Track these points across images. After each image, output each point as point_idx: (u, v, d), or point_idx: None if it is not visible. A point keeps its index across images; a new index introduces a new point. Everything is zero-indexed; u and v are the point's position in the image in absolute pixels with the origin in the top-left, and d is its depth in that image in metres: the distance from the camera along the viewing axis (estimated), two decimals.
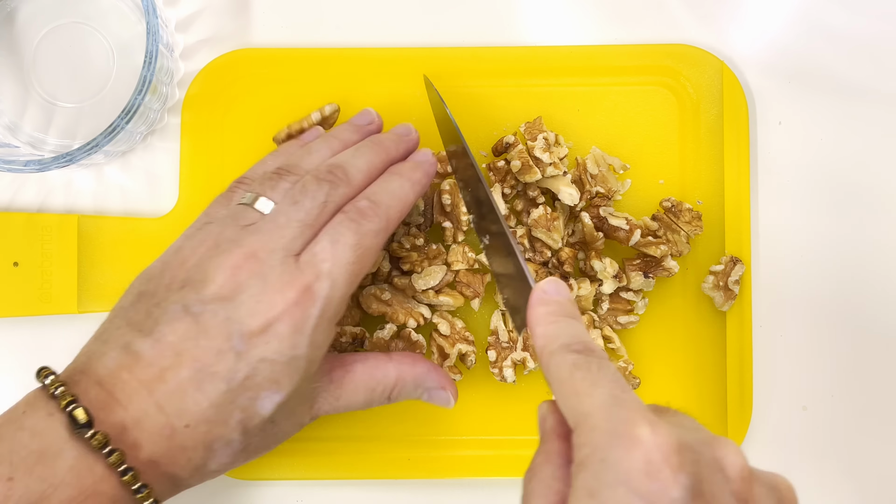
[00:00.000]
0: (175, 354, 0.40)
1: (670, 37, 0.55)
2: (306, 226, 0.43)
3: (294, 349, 0.41)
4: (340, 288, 0.43)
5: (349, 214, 0.44)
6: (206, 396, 0.40)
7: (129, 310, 0.43)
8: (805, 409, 0.54)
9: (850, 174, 0.55)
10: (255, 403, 0.41)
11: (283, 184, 0.45)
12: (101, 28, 0.54)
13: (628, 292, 0.52)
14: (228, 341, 0.41)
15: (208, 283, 0.42)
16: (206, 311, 0.41)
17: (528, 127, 0.52)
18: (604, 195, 0.52)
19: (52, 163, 0.48)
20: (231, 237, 0.43)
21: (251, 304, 0.41)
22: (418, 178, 0.47)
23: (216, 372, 0.40)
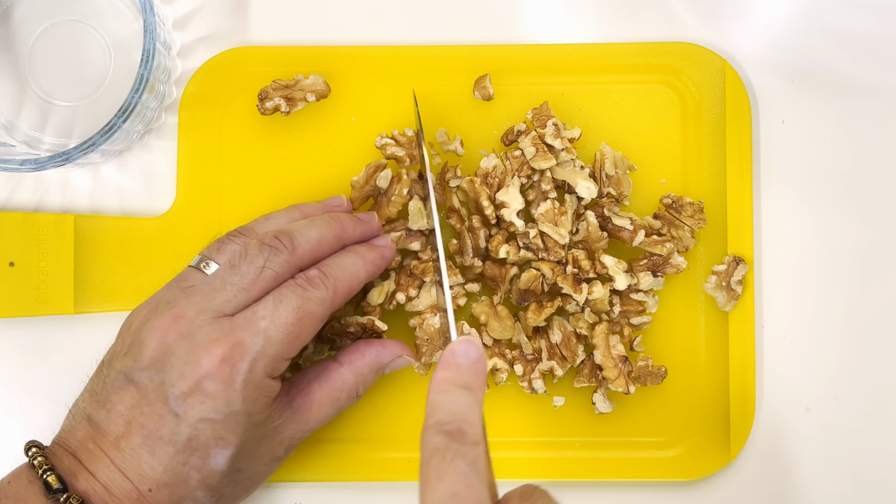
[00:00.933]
0: (125, 422, 0.43)
1: (672, 35, 0.55)
2: (240, 289, 0.44)
3: (228, 405, 0.42)
4: (275, 345, 0.43)
5: (297, 281, 0.45)
6: (159, 461, 0.42)
7: (93, 381, 0.45)
8: (808, 411, 0.54)
9: (853, 173, 0.55)
10: (208, 462, 0.43)
11: (230, 246, 0.46)
12: (97, 26, 0.54)
13: (638, 293, 0.52)
14: (166, 405, 0.42)
15: (143, 348, 0.43)
16: (143, 377, 0.43)
17: (535, 113, 0.52)
18: (613, 197, 0.52)
19: (49, 162, 0.48)
20: (168, 299, 0.44)
21: (179, 365, 0.42)
22: (372, 258, 0.48)
23: (162, 436, 0.42)
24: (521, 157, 0.51)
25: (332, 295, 0.45)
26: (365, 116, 0.54)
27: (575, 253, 0.51)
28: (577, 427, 0.53)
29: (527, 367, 0.52)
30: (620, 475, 0.53)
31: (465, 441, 0.35)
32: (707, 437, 0.53)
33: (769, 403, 0.54)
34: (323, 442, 0.53)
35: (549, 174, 0.51)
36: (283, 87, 0.53)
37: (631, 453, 0.53)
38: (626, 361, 0.51)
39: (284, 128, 0.54)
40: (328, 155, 0.54)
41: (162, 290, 0.46)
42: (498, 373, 0.51)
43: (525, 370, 0.51)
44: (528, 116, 0.52)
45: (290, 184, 0.54)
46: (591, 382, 0.51)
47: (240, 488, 0.46)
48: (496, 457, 0.52)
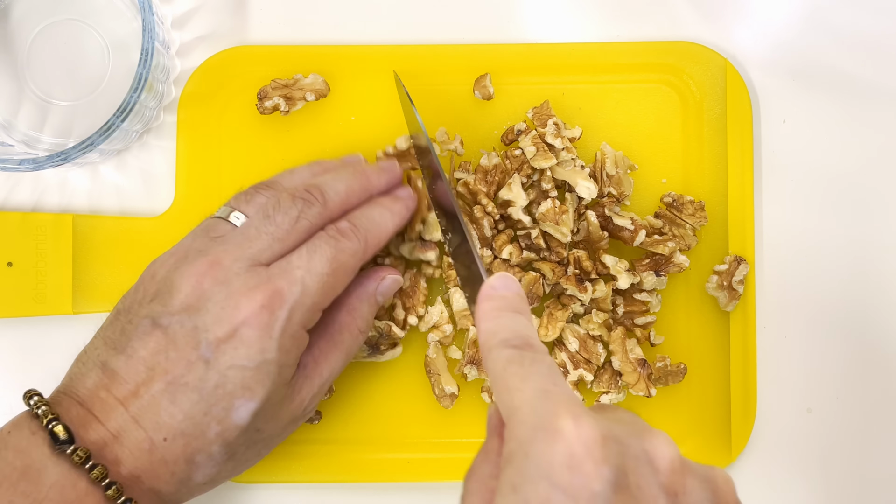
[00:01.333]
0: (147, 369, 0.41)
1: (673, 34, 0.55)
2: (276, 239, 0.44)
3: (263, 353, 0.42)
4: (311, 296, 0.43)
5: (329, 232, 0.45)
6: (179, 409, 0.41)
7: (107, 329, 0.44)
8: (810, 412, 0.54)
9: (855, 172, 0.55)
10: (230, 413, 0.42)
11: (258, 198, 0.46)
12: (96, 25, 0.54)
13: (642, 293, 0.52)
14: (196, 350, 0.41)
15: (174, 293, 0.42)
16: (174, 322, 0.42)
17: (536, 112, 0.52)
18: (614, 197, 0.52)
19: (47, 161, 0.48)
20: (199, 248, 0.44)
21: (216, 311, 0.42)
22: (398, 209, 0.48)
23: (187, 382, 0.41)
24: (521, 157, 0.51)
25: (364, 246, 0.46)
26: (364, 116, 0.54)
27: (576, 253, 0.51)
28: None
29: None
30: None
31: (535, 350, 0.35)
32: (708, 438, 0.53)
33: (770, 404, 0.54)
34: (322, 443, 0.53)
35: (550, 173, 0.51)
36: (282, 87, 0.53)
37: None
38: (644, 364, 0.51)
39: (284, 127, 0.54)
40: (328, 154, 0.54)
41: (187, 240, 0.45)
42: None
43: None
44: (529, 115, 0.52)
45: None
46: (610, 389, 0.51)
47: (253, 451, 0.45)
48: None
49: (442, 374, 0.52)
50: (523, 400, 0.33)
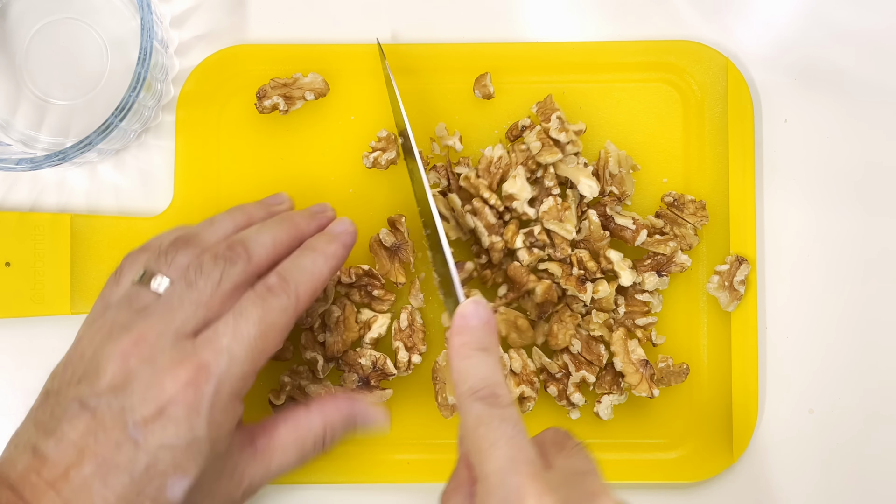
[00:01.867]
0: (77, 452, 0.40)
1: (674, 33, 0.55)
2: (199, 305, 0.43)
3: (192, 431, 0.41)
4: (240, 364, 0.42)
5: (257, 291, 0.43)
6: (111, 491, 0.40)
7: (38, 410, 0.43)
8: (812, 413, 0.54)
9: (857, 172, 0.55)
10: (164, 492, 0.41)
11: (179, 259, 0.44)
12: (94, 24, 0.53)
13: (643, 293, 0.52)
14: (124, 432, 0.40)
15: (101, 374, 0.41)
16: (101, 403, 0.41)
17: (539, 107, 0.52)
18: (616, 196, 0.52)
19: (45, 161, 0.48)
20: (123, 323, 0.42)
21: (142, 390, 0.41)
22: (333, 250, 0.46)
23: (118, 464, 0.40)
24: (526, 151, 0.51)
25: (295, 301, 0.44)
26: (364, 115, 0.54)
27: (579, 254, 0.50)
28: (577, 429, 0.52)
29: (559, 385, 0.51)
30: (621, 477, 0.53)
31: (501, 404, 0.38)
32: (709, 439, 0.53)
33: (772, 405, 0.54)
34: None
35: (553, 170, 0.51)
36: (281, 86, 0.53)
37: (632, 455, 0.53)
38: (647, 365, 0.50)
39: (283, 126, 0.54)
40: (327, 154, 0.54)
41: (109, 312, 0.44)
42: (526, 401, 0.51)
43: (559, 389, 0.51)
44: (533, 110, 0.52)
45: (289, 183, 0.54)
46: (612, 391, 0.51)
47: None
48: None
49: (448, 384, 0.52)
50: (492, 469, 0.36)
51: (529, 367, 0.51)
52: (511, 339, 0.51)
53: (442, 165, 0.53)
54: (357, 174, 0.54)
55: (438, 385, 0.52)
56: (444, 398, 0.52)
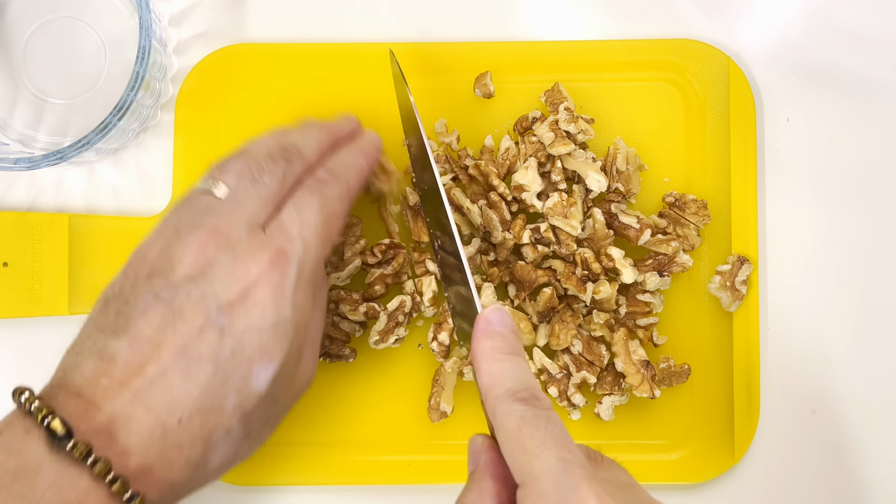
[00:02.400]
0: (154, 346, 0.38)
1: (675, 31, 0.55)
2: (268, 199, 0.43)
3: (278, 312, 0.40)
4: (313, 249, 0.42)
5: (308, 184, 0.44)
6: (195, 383, 0.38)
7: (99, 317, 0.41)
8: (814, 413, 0.54)
9: (859, 172, 0.54)
10: (249, 382, 0.40)
11: (234, 166, 0.44)
12: (92, 23, 0.53)
13: (645, 294, 0.51)
14: (208, 318, 0.39)
15: (175, 265, 0.40)
16: (179, 293, 0.39)
17: (548, 96, 0.52)
18: (621, 193, 0.52)
19: (43, 160, 0.48)
20: (190, 221, 0.42)
21: (224, 275, 0.40)
22: (368, 150, 0.48)
23: (201, 354, 0.39)
24: (537, 143, 0.51)
25: (347, 189, 0.45)
26: (364, 114, 0.53)
27: (584, 254, 0.50)
28: (578, 430, 0.52)
29: (560, 385, 0.51)
30: None
31: (543, 406, 0.37)
32: (711, 440, 0.53)
33: (774, 405, 0.54)
34: (321, 445, 0.53)
35: (561, 164, 0.51)
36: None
37: (633, 456, 0.53)
38: (648, 366, 0.50)
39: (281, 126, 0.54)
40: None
41: (171, 219, 0.42)
42: None
43: (560, 390, 0.51)
44: (542, 99, 0.52)
45: None
46: (614, 391, 0.51)
47: (267, 427, 0.43)
48: None
49: (446, 390, 0.52)
50: (543, 470, 0.34)
51: (532, 369, 0.51)
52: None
53: (444, 156, 0.53)
54: None
55: (436, 388, 0.52)
56: (436, 402, 0.52)
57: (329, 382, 0.53)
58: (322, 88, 0.54)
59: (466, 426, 0.53)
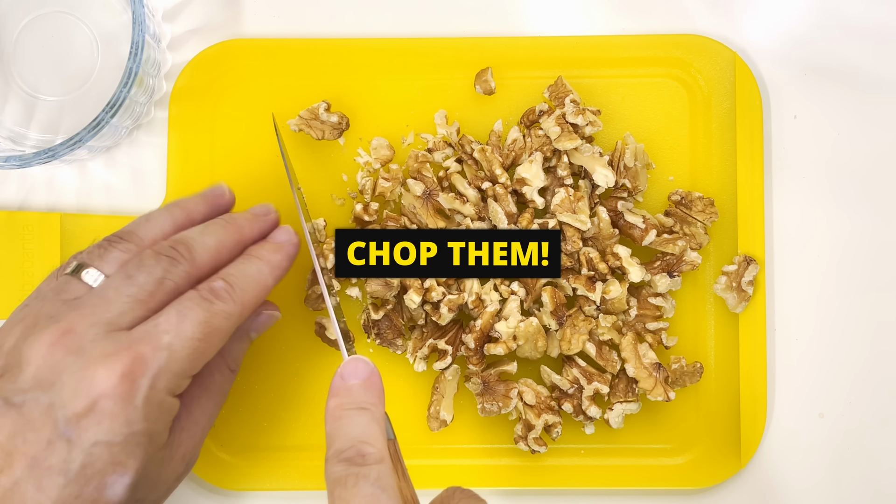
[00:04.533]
0: (6, 454, 0.38)
1: (681, 27, 0.54)
2: (138, 301, 0.41)
3: (129, 426, 0.39)
4: (179, 362, 0.41)
5: (201, 292, 0.42)
6: (46, 496, 0.38)
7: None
8: (822, 417, 0.54)
9: (868, 170, 0.54)
10: (104, 492, 0.39)
11: (113, 252, 0.43)
12: (84, 17, 0.53)
13: (657, 297, 0.51)
14: (55, 429, 0.38)
15: (24, 366, 0.39)
16: (27, 400, 0.39)
17: (552, 90, 0.52)
18: (627, 190, 0.51)
19: (34, 159, 0.47)
20: (50, 313, 0.41)
21: (72, 383, 0.39)
22: (278, 261, 0.45)
23: (51, 466, 0.38)
24: (543, 137, 0.50)
25: (240, 308, 0.43)
26: (361, 111, 0.54)
27: (589, 253, 0.50)
28: (581, 434, 0.52)
29: (573, 400, 0.50)
30: (626, 483, 0.52)
31: (366, 462, 0.38)
32: (716, 444, 0.52)
33: (781, 409, 0.53)
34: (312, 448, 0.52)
35: (567, 159, 0.50)
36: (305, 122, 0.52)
37: (637, 461, 0.52)
38: (660, 368, 0.50)
39: (279, 123, 0.53)
40: (323, 150, 0.53)
41: (34, 303, 0.42)
42: (552, 428, 0.50)
43: (574, 405, 0.50)
44: (545, 94, 0.52)
45: (284, 181, 0.53)
46: (627, 398, 0.50)
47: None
48: (500, 465, 0.52)
49: (446, 398, 0.51)
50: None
51: (543, 394, 0.50)
52: (524, 350, 0.50)
53: (446, 143, 0.52)
54: (352, 168, 0.53)
55: (436, 396, 0.51)
56: (436, 410, 0.51)
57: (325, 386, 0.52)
58: (319, 84, 0.54)
59: (461, 431, 0.53)
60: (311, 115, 0.52)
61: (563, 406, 0.50)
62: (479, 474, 0.52)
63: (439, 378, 0.51)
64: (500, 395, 0.50)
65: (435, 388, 0.51)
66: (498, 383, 0.50)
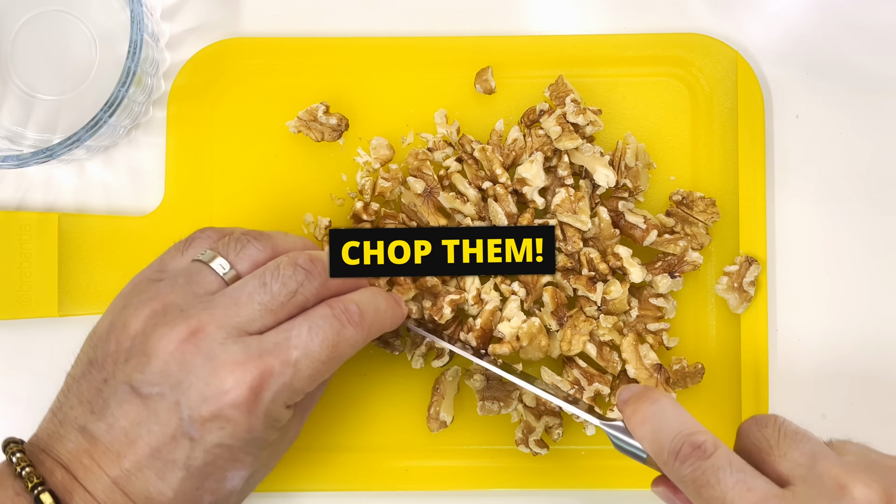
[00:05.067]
0: (129, 441, 0.40)
1: (682, 25, 0.54)
2: (268, 310, 0.42)
3: (250, 433, 0.40)
4: (301, 381, 0.41)
5: (335, 311, 0.42)
6: (168, 486, 0.40)
7: (81, 382, 0.42)
8: (824, 418, 0.53)
9: (870, 170, 0.54)
10: (224, 484, 0.41)
11: (250, 249, 0.44)
12: (82, 16, 0.53)
13: (658, 298, 0.50)
14: (180, 427, 0.40)
15: (152, 359, 0.40)
16: (154, 393, 0.40)
17: (552, 90, 0.51)
18: (629, 190, 0.51)
19: (32, 158, 0.47)
20: (181, 306, 0.41)
21: (200, 386, 0.40)
22: (400, 311, 0.47)
23: (174, 459, 0.40)
24: (543, 137, 0.50)
25: (365, 338, 0.43)
26: (362, 110, 0.53)
27: (589, 254, 0.49)
28: (582, 435, 0.52)
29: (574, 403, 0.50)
30: (627, 485, 0.52)
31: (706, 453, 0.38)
32: None
33: (783, 409, 0.53)
34: (318, 450, 0.52)
35: (567, 159, 0.50)
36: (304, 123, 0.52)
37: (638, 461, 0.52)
38: (661, 369, 0.50)
39: (278, 122, 0.53)
40: (323, 151, 0.53)
41: (164, 286, 0.43)
42: (552, 430, 0.50)
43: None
44: (546, 94, 0.51)
45: (284, 180, 0.53)
46: None
47: (243, 495, 0.45)
48: (500, 466, 0.52)
49: (446, 399, 0.51)
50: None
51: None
52: (528, 351, 0.50)
53: (446, 143, 0.52)
54: (352, 168, 0.53)
55: (436, 397, 0.51)
56: (436, 411, 0.51)
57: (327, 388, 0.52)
58: (318, 83, 0.53)
59: (465, 433, 0.52)
60: (309, 117, 0.52)
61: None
62: (479, 476, 0.52)
63: (440, 379, 0.51)
64: (503, 394, 0.50)
65: (435, 389, 0.51)
66: (500, 382, 0.50)
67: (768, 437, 0.39)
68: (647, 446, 0.39)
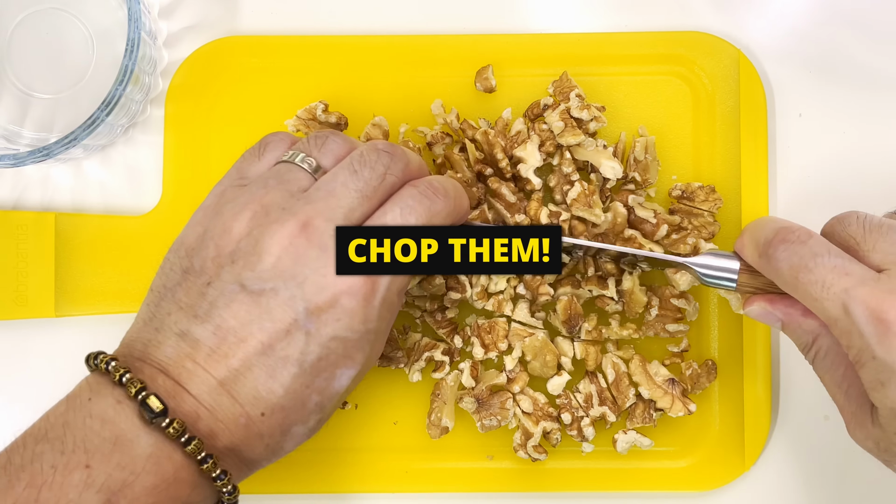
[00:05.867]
0: (239, 340, 0.39)
1: (684, 24, 0.54)
2: (365, 196, 0.42)
3: (365, 323, 0.40)
4: None
5: (420, 188, 0.43)
6: (279, 384, 0.39)
7: (177, 290, 0.41)
8: (827, 419, 0.53)
9: (873, 169, 0.54)
10: (332, 383, 0.41)
11: (330, 144, 0.44)
12: (79, 14, 0.53)
13: (679, 299, 0.50)
14: (295, 321, 0.39)
15: (262, 255, 0.40)
16: (267, 288, 0.39)
17: (556, 86, 0.51)
18: (637, 183, 0.51)
19: (28, 157, 0.47)
20: (280, 203, 0.41)
21: (315, 278, 0.39)
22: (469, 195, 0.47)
23: (287, 356, 0.39)
24: (547, 132, 0.50)
25: (454, 211, 0.43)
26: (361, 108, 0.53)
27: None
28: None
29: (574, 414, 0.50)
30: (629, 487, 0.52)
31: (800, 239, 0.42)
32: (721, 447, 0.52)
33: (786, 411, 0.53)
34: (318, 451, 0.52)
35: (570, 155, 0.50)
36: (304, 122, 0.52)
37: (640, 464, 0.52)
38: (674, 383, 0.50)
39: (276, 122, 0.53)
40: None
41: (255, 189, 0.42)
42: (551, 435, 0.50)
43: (574, 417, 0.50)
44: (550, 90, 0.51)
45: None
46: (645, 423, 0.50)
47: (341, 401, 0.43)
48: (501, 468, 0.52)
49: (447, 404, 0.51)
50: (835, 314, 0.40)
51: (540, 401, 0.50)
52: (535, 368, 0.49)
53: (445, 134, 0.52)
54: None
55: (437, 403, 0.51)
56: (437, 417, 0.50)
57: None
58: (317, 81, 0.53)
59: (466, 435, 0.52)
60: (308, 115, 0.51)
61: (562, 415, 0.50)
62: (479, 478, 0.52)
63: (440, 384, 0.51)
64: (497, 408, 0.49)
65: (436, 395, 0.51)
66: (491, 397, 0.50)
67: (853, 234, 0.42)
68: (747, 250, 0.43)
